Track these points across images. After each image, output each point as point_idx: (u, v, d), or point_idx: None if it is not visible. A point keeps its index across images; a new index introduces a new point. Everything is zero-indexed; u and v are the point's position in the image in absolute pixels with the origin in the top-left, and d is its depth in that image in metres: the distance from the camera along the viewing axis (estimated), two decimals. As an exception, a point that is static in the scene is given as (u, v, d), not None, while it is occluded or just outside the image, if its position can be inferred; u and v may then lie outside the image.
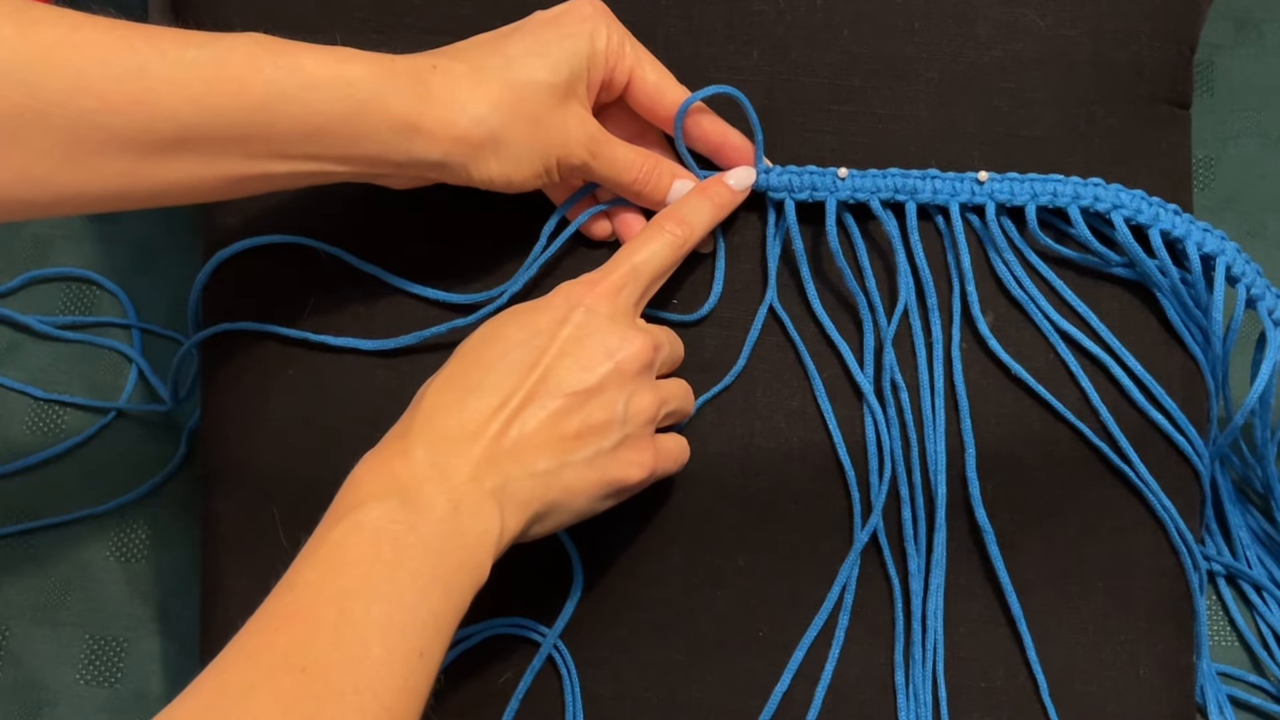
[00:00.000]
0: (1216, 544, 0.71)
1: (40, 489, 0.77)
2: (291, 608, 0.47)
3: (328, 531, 0.49)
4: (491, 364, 0.53)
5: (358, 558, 0.48)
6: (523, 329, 0.54)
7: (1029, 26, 0.64)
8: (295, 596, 0.47)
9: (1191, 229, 0.62)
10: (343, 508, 0.50)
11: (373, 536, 0.48)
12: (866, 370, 0.62)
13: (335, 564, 0.48)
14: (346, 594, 0.47)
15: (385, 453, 0.52)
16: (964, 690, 0.61)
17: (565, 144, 0.57)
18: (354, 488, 0.50)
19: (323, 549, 0.48)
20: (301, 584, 0.47)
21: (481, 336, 0.55)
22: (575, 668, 0.61)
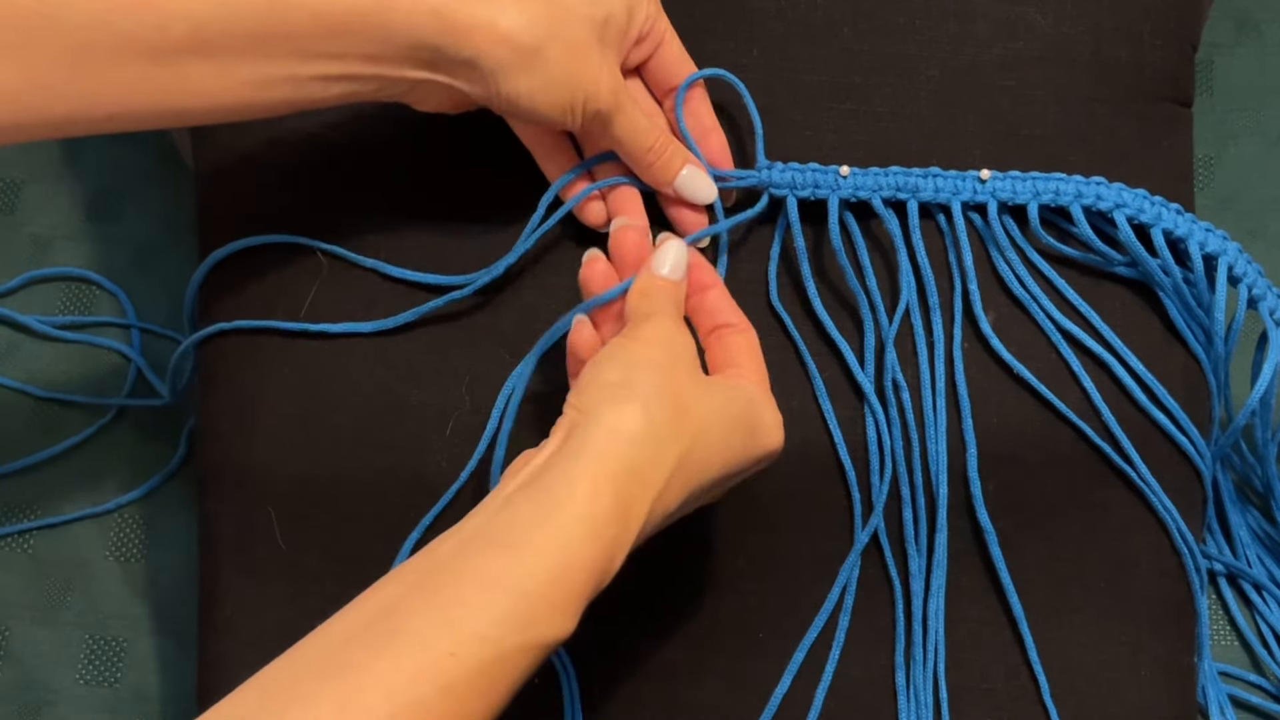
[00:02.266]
0: (1217, 543, 0.71)
1: (40, 489, 0.77)
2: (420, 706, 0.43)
3: (510, 634, 0.45)
4: (710, 482, 0.52)
5: (504, 687, 0.45)
6: (744, 458, 0.53)
7: (1030, 24, 0.64)
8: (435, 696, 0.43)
9: (1194, 229, 0.62)
10: (543, 608, 0.46)
11: (528, 667, 0.46)
12: (867, 370, 0.62)
13: (488, 681, 0.44)
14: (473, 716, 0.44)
15: (607, 540, 0.47)
16: (965, 691, 0.61)
17: (596, 84, 0.55)
18: (569, 573, 0.46)
19: (494, 658, 0.44)
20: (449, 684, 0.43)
21: (716, 435, 0.51)
22: (574, 669, 0.61)
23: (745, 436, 0.53)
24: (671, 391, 0.50)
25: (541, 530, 0.46)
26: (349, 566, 0.62)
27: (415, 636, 0.44)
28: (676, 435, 0.49)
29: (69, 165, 0.84)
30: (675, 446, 0.49)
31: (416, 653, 0.43)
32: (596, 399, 0.50)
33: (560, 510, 0.46)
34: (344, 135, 0.65)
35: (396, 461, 0.62)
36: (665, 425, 0.49)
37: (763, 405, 0.54)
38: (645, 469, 0.48)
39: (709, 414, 0.51)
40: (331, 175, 0.64)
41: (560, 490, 0.47)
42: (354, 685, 0.42)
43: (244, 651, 0.62)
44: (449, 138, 0.64)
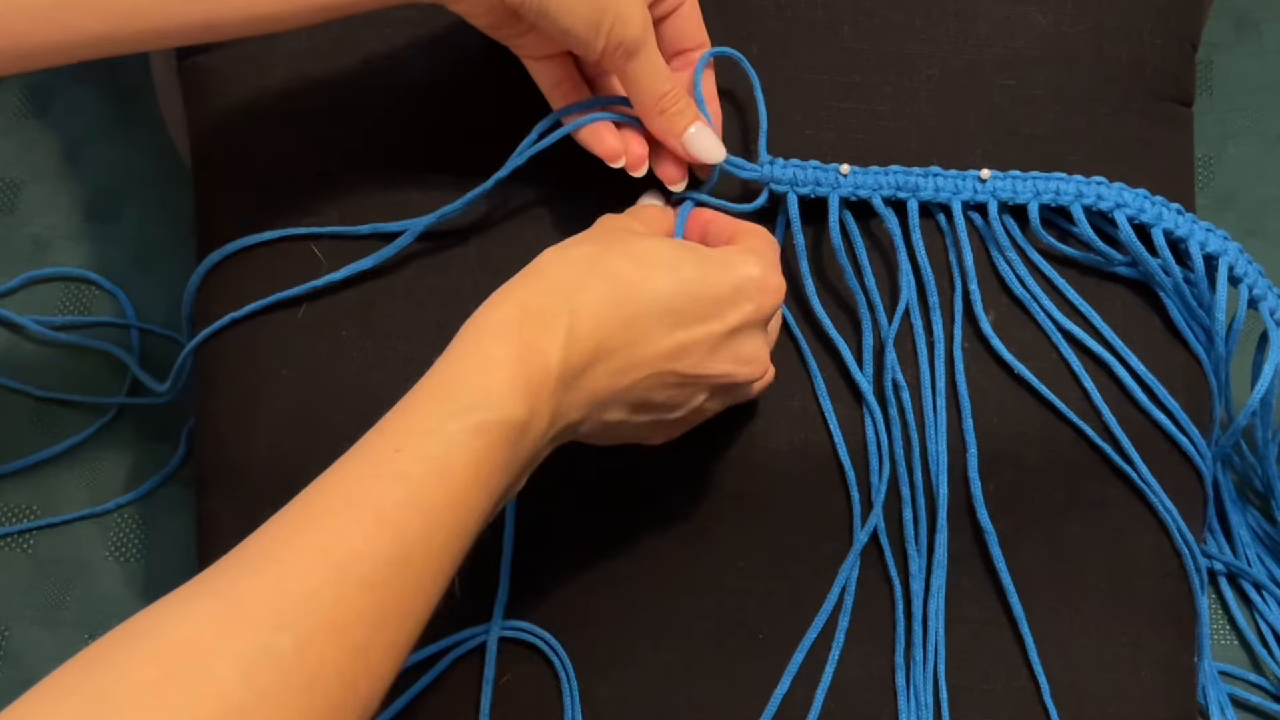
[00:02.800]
0: (1217, 542, 0.71)
1: (40, 489, 0.77)
2: (384, 500, 0.44)
3: (447, 420, 0.46)
4: (661, 304, 0.51)
5: (461, 469, 0.45)
6: (702, 282, 0.52)
7: (1031, 23, 0.64)
8: (389, 485, 0.44)
9: (1194, 228, 0.62)
10: (472, 394, 0.46)
11: (485, 449, 0.46)
12: (866, 370, 0.62)
13: (441, 467, 0.45)
14: (435, 508, 0.45)
15: (525, 336, 0.48)
16: (965, 692, 0.61)
17: (630, 9, 0.54)
18: (487, 368, 0.47)
19: (439, 443, 0.45)
20: (400, 473, 0.45)
21: (656, 258, 0.51)
22: (574, 670, 0.61)
23: (700, 263, 0.52)
24: (594, 236, 0.52)
25: (455, 347, 0.48)
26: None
27: (358, 451, 0.45)
28: (596, 258, 0.51)
29: (69, 165, 0.84)
30: (593, 267, 0.50)
31: (361, 458, 0.45)
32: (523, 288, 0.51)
33: (469, 330, 0.48)
34: (344, 135, 0.64)
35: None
36: (580, 255, 0.51)
37: (729, 249, 0.54)
38: (552, 285, 0.50)
39: (644, 244, 0.52)
40: (331, 175, 0.64)
41: (471, 319, 0.49)
42: (314, 496, 0.44)
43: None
44: (450, 137, 0.64)
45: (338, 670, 0.41)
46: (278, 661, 0.39)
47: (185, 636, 0.39)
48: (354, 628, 0.41)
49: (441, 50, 0.65)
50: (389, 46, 0.65)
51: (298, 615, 0.40)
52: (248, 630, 0.39)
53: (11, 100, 0.86)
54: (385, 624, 0.43)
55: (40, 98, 0.86)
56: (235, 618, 0.40)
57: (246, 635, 0.39)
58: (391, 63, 0.65)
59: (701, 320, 0.52)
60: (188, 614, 0.40)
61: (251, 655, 0.39)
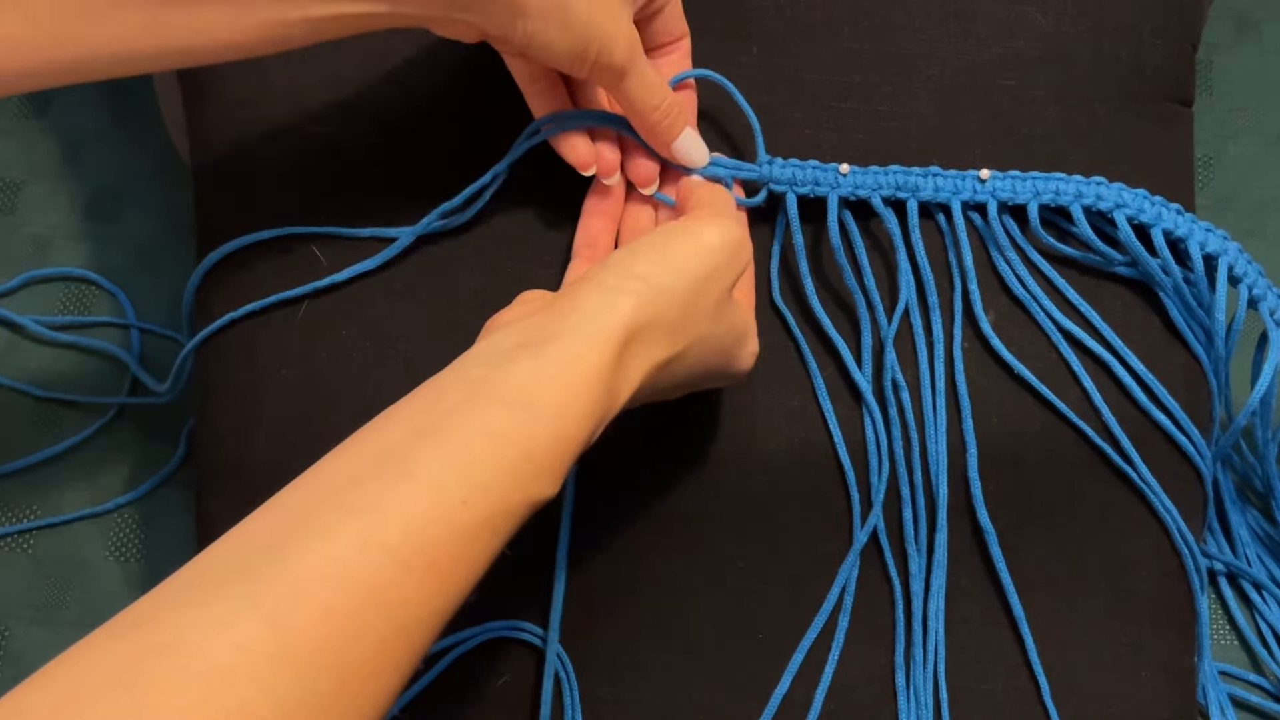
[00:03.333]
0: (1217, 542, 0.71)
1: (40, 489, 0.77)
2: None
3: (515, 491, 0.45)
4: (683, 377, 0.53)
5: (506, 534, 0.46)
6: (710, 369, 0.54)
7: (1030, 23, 0.64)
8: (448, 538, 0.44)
9: (1194, 228, 0.62)
10: (543, 469, 0.46)
11: (525, 517, 0.46)
12: (865, 370, 0.62)
13: (494, 530, 0.45)
14: (474, 560, 0.44)
15: (596, 416, 0.48)
16: (965, 692, 0.61)
17: (614, 36, 0.54)
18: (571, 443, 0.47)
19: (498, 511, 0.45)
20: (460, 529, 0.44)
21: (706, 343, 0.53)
22: (574, 670, 0.61)
23: (727, 354, 0.55)
24: (687, 300, 0.51)
25: (548, 396, 0.47)
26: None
27: (429, 482, 0.44)
28: (676, 336, 0.51)
29: (69, 165, 0.84)
30: (670, 345, 0.51)
31: (431, 497, 0.43)
32: (614, 287, 0.50)
33: (567, 377, 0.47)
34: (344, 135, 0.64)
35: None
36: (671, 324, 0.50)
37: (752, 328, 0.57)
38: (638, 357, 0.49)
39: (714, 333, 0.53)
40: (331, 175, 0.64)
41: (565, 359, 0.47)
42: (371, 521, 0.42)
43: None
44: (451, 137, 0.64)
45: (379, 693, 0.41)
46: (316, 702, 0.39)
47: (226, 663, 0.38)
48: (400, 638, 0.41)
49: (443, 51, 0.65)
50: (390, 47, 0.65)
51: (342, 656, 0.40)
52: (292, 670, 0.39)
53: (11, 100, 0.86)
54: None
55: (40, 98, 0.86)
56: (283, 653, 0.39)
57: (290, 674, 0.39)
58: (392, 63, 0.65)
59: (691, 386, 0.55)
60: (231, 638, 0.39)
61: (293, 697, 0.38)
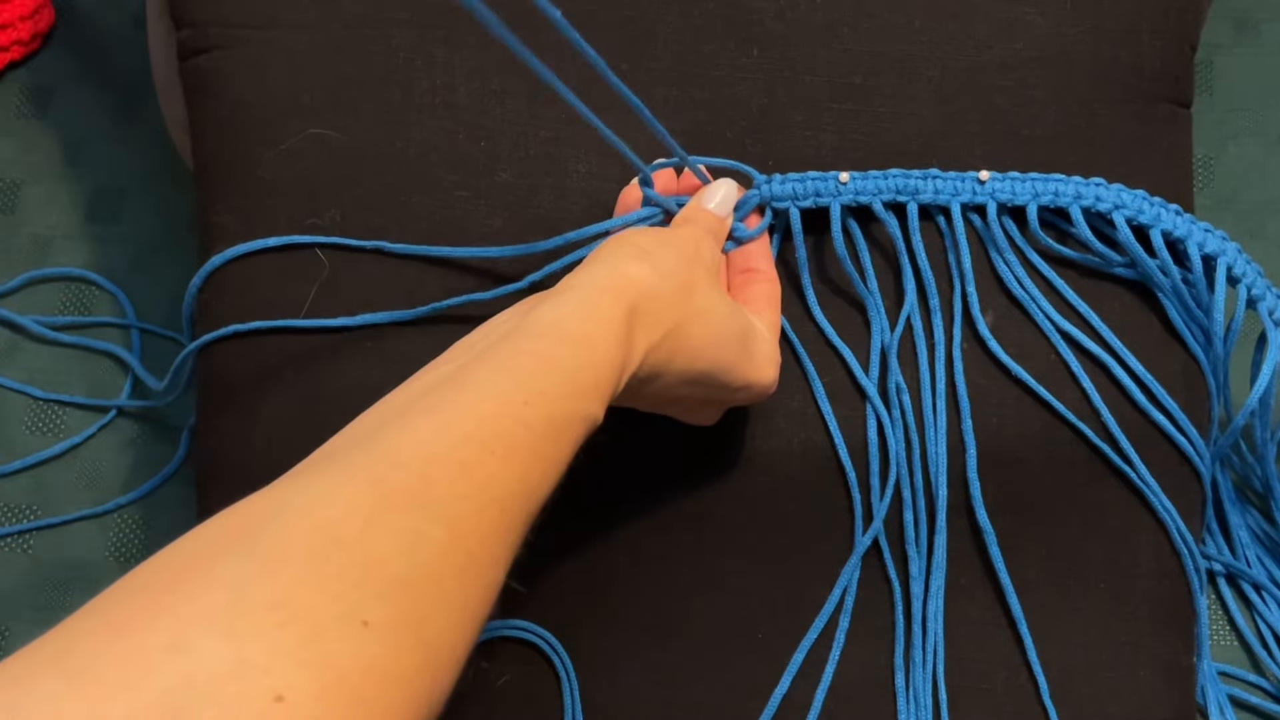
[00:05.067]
0: (1216, 543, 0.71)
1: (40, 489, 0.77)
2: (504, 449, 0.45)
3: (568, 400, 0.47)
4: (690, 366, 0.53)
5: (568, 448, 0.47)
6: (722, 369, 0.54)
7: (1029, 25, 0.64)
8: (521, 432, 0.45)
9: (1193, 229, 0.62)
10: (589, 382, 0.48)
11: (579, 435, 0.48)
12: (873, 374, 0.62)
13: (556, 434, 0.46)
14: (546, 464, 0.46)
15: (621, 355, 0.49)
16: (964, 692, 0.61)
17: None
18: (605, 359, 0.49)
19: (557, 414, 0.46)
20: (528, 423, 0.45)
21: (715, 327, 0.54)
22: (574, 670, 0.61)
23: (740, 350, 0.55)
24: (684, 273, 0.53)
25: (575, 327, 0.49)
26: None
27: (489, 388, 0.45)
28: (680, 304, 0.52)
29: (69, 165, 0.84)
30: (674, 313, 0.52)
31: (496, 398, 0.45)
32: (617, 253, 0.52)
33: (591, 319, 0.49)
34: (345, 135, 0.64)
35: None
36: (671, 292, 0.52)
37: (763, 338, 0.57)
38: (647, 315, 0.51)
39: (712, 307, 0.53)
40: (331, 175, 0.64)
41: (588, 303, 0.50)
42: (445, 418, 0.44)
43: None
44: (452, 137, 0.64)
45: (492, 558, 0.42)
46: (434, 547, 0.40)
47: (338, 515, 0.39)
48: (490, 537, 0.42)
49: (447, 52, 0.64)
50: (390, 47, 0.65)
51: (447, 509, 0.41)
52: (402, 516, 0.40)
53: (11, 100, 0.86)
54: (510, 544, 0.44)
55: (40, 98, 0.86)
56: (389, 505, 0.40)
57: (401, 520, 0.40)
58: (393, 63, 0.65)
59: (707, 390, 0.55)
60: (337, 497, 0.40)
61: (409, 537, 0.39)
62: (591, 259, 0.53)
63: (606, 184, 0.63)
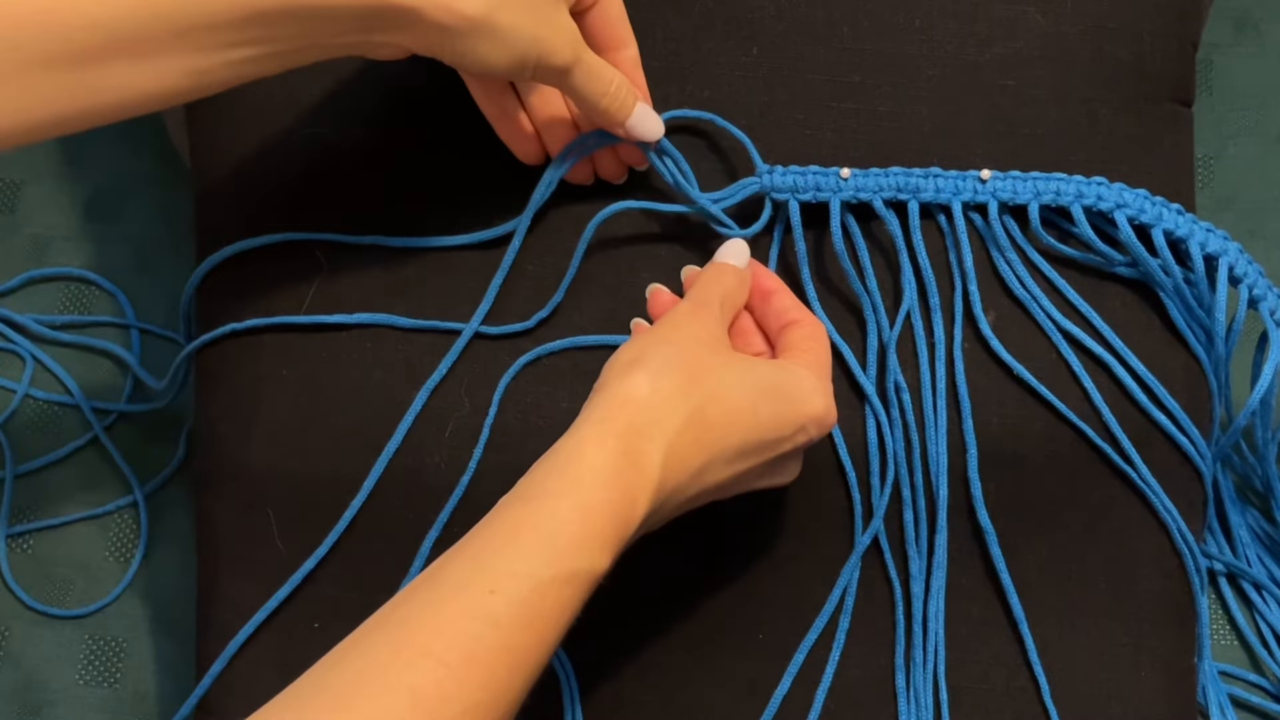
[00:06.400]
0: (1217, 542, 0.71)
1: (40, 490, 0.77)
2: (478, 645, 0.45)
3: (544, 567, 0.46)
4: (734, 449, 0.52)
5: (550, 618, 0.47)
6: (774, 426, 0.53)
7: (1030, 24, 0.64)
8: (483, 629, 0.45)
9: (1195, 229, 0.62)
10: (569, 541, 0.47)
11: (570, 599, 0.47)
12: (870, 372, 0.62)
13: (532, 613, 0.46)
14: (523, 651, 0.46)
15: (624, 484, 0.49)
16: (965, 692, 0.61)
17: (553, 39, 0.54)
18: (587, 515, 0.48)
19: (534, 590, 0.46)
20: (493, 617, 0.45)
21: (738, 400, 0.52)
22: (574, 671, 0.61)
23: (775, 403, 0.54)
24: (681, 361, 0.52)
25: (556, 481, 0.49)
26: (347, 568, 0.62)
27: (453, 584, 0.46)
28: (685, 396, 0.51)
29: (69, 165, 0.84)
30: (683, 406, 0.51)
31: (457, 596, 0.45)
32: (609, 376, 0.52)
33: (571, 464, 0.49)
34: (345, 136, 0.64)
35: (396, 463, 0.62)
36: (672, 388, 0.51)
37: (798, 375, 0.55)
38: (650, 426, 0.50)
39: (726, 381, 0.53)
40: (331, 175, 0.64)
41: (571, 448, 0.49)
42: (406, 632, 0.44)
43: (242, 652, 0.62)
44: (450, 135, 0.64)
45: None
46: None
47: None
48: None
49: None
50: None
51: None
52: None
53: (11, 100, 0.86)
54: None
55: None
56: None
57: None
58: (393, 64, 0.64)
59: (763, 454, 0.54)
60: None
61: None
62: (593, 392, 0.52)
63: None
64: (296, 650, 0.60)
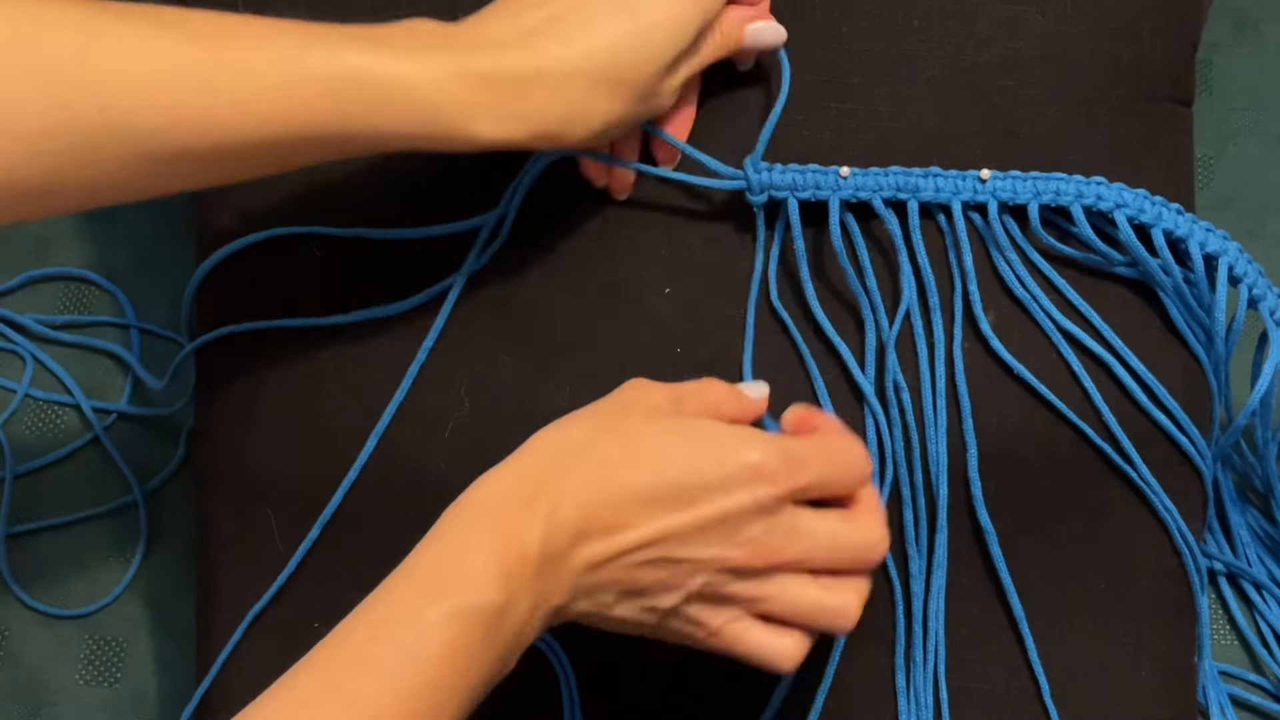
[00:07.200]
0: (1217, 542, 0.71)
1: (40, 489, 0.77)
2: (358, 690, 0.45)
3: (424, 606, 0.47)
4: (642, 490, 0.50)
5: (437, 657, 0.46)
6: (690, 469, 0.50)
7: (1030, 24, 0.64)
8: (364, 675, 0.45)
9: (1194, 228, 0.62)
10: (446, 580, 0.47)
11: (460, 635, 0.47)
12: (869, 372, 0.62)
13: (415, 654, 0.46)
14: (411, 695, 0.45)
15: (504, 521, 0.49)
16: (965, 693, 0.61)
17: (658, 109, 0.58)
18: (463, 553, 0.48)
19: (412, 630, 0.46)
20: (376, 663, 0.46)
21: (645, 441, 0.51)
22: (574, 670, 0.61)
23: (691, 444, 0.51)
24: (592, 414, 0.53)
25: (437, 530, 0.50)
26: (347, 568, 0.62)
27: (341, 634, 0.47)
28: (585, 439, 0.51)
29: (68, 165, 0.84)
30: (581, 447, 0.51)
31: (341, 644, 0.46)
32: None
33: (453, 510, 0.50)
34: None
35: (396, 463, 0.62)
36: (574, 434, 0.52)
37: (744, 430, 0.52)
38: (538, 465, 0.50)
39: (638, 427, 0.52)
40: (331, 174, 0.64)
41: (462, 497, 0.50)
42: (293, 685, 0.46)
43: (243, 652, 0.62)
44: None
45: None
46: None
47: None
48: None
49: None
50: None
51: None
52: None
53: (11, 100, 0.85)
54: None
55: (40, 98, 0.85)
56: None
57: None
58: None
59: (686, 504, 0.50)
60: None
61: None
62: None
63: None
64: (296, 650, 0.60)
